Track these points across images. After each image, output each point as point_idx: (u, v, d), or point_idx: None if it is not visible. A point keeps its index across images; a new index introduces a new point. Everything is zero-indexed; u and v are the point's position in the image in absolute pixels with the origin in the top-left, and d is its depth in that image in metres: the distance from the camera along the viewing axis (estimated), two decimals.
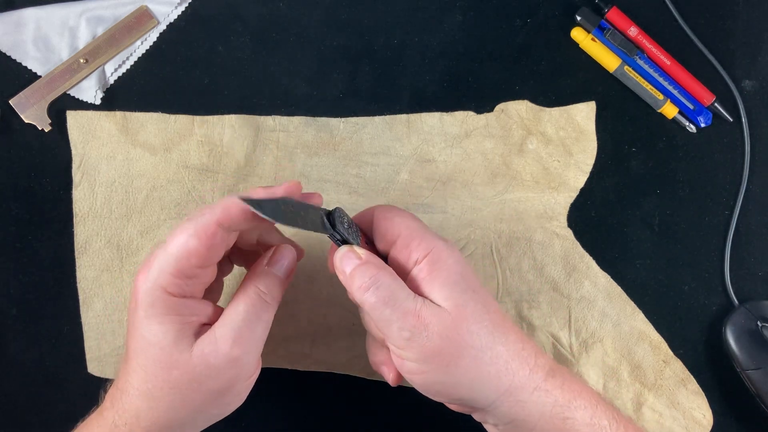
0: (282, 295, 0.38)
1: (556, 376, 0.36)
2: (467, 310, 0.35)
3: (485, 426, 0.39)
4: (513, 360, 0.35)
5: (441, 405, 0.49)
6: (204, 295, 0.37)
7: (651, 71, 0.50)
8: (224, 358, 0.34)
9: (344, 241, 0.36)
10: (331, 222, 0.36)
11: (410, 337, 0.34)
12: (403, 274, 0.36)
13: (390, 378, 0.39)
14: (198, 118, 0.49)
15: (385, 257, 0.38)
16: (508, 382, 0.35)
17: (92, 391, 0.47)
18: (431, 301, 0.35)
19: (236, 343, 0.34)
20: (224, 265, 0.41)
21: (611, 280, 0.49)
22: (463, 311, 0.34)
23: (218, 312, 0.37)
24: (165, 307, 0.34)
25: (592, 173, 0.50)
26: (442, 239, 0.37)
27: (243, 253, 0.41)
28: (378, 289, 0.34)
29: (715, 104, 0.50)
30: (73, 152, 0.48)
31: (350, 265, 0.35)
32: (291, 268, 0.39)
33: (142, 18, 0.49)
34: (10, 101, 0.48)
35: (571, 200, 0.50)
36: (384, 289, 0.34)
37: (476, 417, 0.38)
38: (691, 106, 0.50)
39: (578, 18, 0.50)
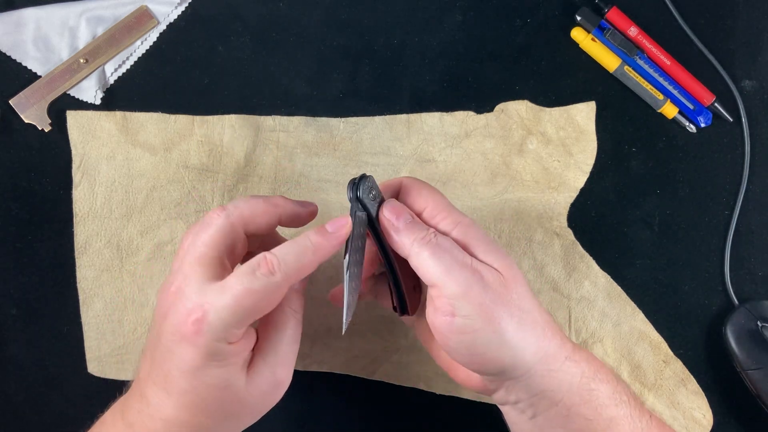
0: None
1: (581, 351, 0.37)
2: (514, 272, 0.35)
3: (503, 408, 0.39)
4: (547, 327, 0.36)
5: (440, 405, 0.49)
6: None
7: (651, 71, 0.50)
8: (274, 384, 0.35)
9: (367, 213, 0.37)
10: (355, 193, 0.36)
11: (467, 288, 0.34)
12: None
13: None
14: (198, 118, 0.49)
15: None
16: (545, 348, 0.35)
17: (92, 391, 0.48)
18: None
19: (282, 367, 0.36)
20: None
21: (611, 280, 0.49)
22: (512, 272, 0.35)
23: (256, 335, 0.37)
24: (226, 354, 0.34)
25: (592, 173, 0.50)
26: (466, 216, 0.37)
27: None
28: (438, 241, 0.35)
29: (715, 104, 0.50)
30: (73, 152, 0.48)
31: (405, 218, 0.36)
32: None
33: (142, 18, 0.49)
34: (10, 101, 0.48)
35: (571, 200, 0.50)
36: (443, 241, 0.35)
37: (499, 396, 0.38)
38: (691, 106, 0.50)
39: (578, 18, 0.50)
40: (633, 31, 0.50)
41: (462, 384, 0.39)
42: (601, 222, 0.50)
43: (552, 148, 0.49)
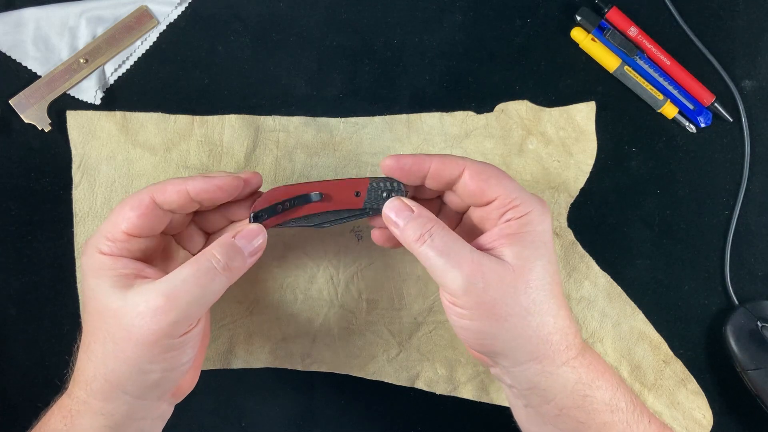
0: (241, 272, 0.37)
1: (586, 355, 0.37)
2: (532, 274, 0.35)
3: (502, 386, 0.40)
4: (556, 334, 0.36)
5: (440, 405, 0.49)
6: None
7: (651, 71, 0.50)
8: (152, 309, 0.34)
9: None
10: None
11: (466, 287, 0.34)
12: (485, 225, 0.38)
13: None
14: (198, 118, 0.49)
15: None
16: (543, 351, 0.35)
17: None
18: (497, 257, 0.36)
19: (167, 298, 0.34)
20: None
21: (611, 280, 0.49)
22: (528, 273, 0.35)
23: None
24: (100, 264, 0.36)
25: (592, 173, 0.50)
26: (540, 202, 0.37)
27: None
28: (433, 240, 0.36)
29: (715, 104, 0.50)
30: (73, 152, 0.48)
31: (404, 217, 0.37)
32: (260, 248, 0.38)
33: (142, 18, 0.49)
34: (10, 101, 0.48)
35: (571, 200, 0.50)
36: (439, 240, 0.36)
37: (495, 372, 0.40)
38: (691, 106, 0.50)
39: (578, 18, 0.50)
40: (633, 31, 0.50)
41: (465, 344, 0.41)
42: (601, 222, 0.50)
43: (552, 148, 0.49)
